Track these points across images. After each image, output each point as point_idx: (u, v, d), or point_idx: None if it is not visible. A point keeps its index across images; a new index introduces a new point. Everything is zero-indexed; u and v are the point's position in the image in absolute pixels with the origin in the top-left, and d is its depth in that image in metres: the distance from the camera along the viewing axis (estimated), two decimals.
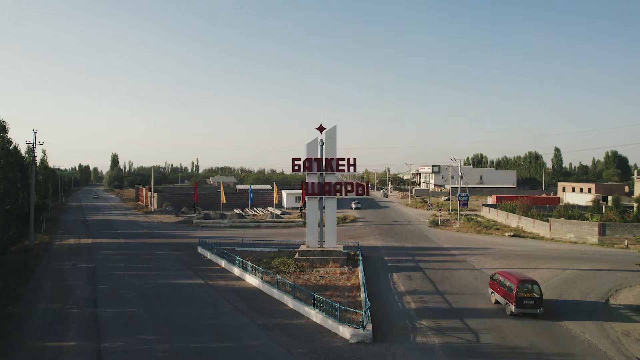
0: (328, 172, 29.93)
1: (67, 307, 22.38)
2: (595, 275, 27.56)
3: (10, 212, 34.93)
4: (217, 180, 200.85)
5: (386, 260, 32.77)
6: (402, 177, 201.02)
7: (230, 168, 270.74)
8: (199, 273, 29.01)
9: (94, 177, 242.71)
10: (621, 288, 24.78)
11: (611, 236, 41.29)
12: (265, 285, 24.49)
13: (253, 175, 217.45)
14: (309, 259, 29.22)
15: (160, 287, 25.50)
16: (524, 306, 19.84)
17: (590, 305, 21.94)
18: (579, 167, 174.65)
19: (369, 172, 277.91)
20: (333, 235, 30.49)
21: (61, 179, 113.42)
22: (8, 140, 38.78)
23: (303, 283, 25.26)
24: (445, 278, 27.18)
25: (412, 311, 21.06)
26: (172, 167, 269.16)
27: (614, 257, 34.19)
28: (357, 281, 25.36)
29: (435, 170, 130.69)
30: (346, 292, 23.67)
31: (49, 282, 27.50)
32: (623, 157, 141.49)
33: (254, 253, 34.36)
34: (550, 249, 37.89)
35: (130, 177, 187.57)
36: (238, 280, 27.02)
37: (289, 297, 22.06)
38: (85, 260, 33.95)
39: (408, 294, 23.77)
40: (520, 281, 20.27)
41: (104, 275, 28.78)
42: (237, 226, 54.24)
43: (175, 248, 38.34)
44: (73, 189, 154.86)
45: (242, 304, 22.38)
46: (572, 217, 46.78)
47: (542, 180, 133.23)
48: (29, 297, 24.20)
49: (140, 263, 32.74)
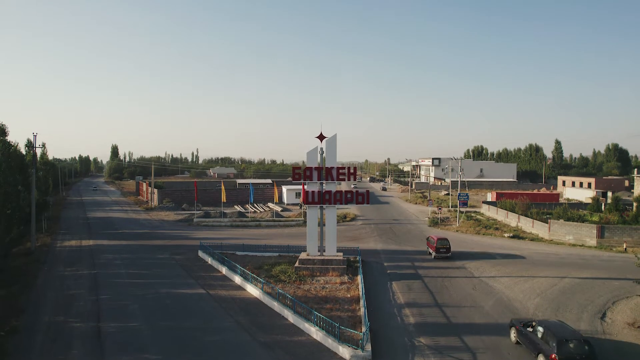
0: (328, 180, 29.99)
1: (70, 320, 22.63)
2: (593, 285, 27.78)
3: (12, 216, 35.09)
4: (217, 172, 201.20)
5: (386, 266, 33.01)
6: (402, 168, 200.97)
7: (231, 158, 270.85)
8: (200, 281, 29.25)
9: (94, 168, 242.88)
10: (618, 300, 25.02)
11: (610, 238, 41.53)
12: (266, 297, 24.74)
13: (253, 166, 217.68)
14: (309, 267, 29.45)
15: (162, 298, 25.73)
16: (440, 252, 34.35)
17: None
18: (579, 158, 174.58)
19: (369, 162, 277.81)
20: (333, 244, 30.68)
21: (61, 171, 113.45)
22: (8, 144, 38.83)
23: (303, 294, 25.51)
24: (444, 288, 27.43)
25: (411, 326, 21.32)
26: (172, 158, 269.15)
27: (612, 262, 34.43)
28: (357, 292, 25.60)
29: (436, 164, 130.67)
30: (346, 304, 23.91)
31: (52, 290, 27.76)
32: (623, 150, 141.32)
33: (254, 258, 34.60)
34: (549, 253, 38.12)
35: (130, 168, 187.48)
36: (239, 290, 27.26)
37: (289, 312, 22.31)
38: (87, 265, 34.20)
39: (407, 307, 24.02)
40: (439, 239, 35.31)
41: (105, 283, 29.03)
42: (238, 225, 54.46)
43: (176, 251, 38.57)
44: (73, 181, 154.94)
45: (244, 317, 22.62)
46: (571, 218, 46.98)
47: (542, 173, 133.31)
48: (32, 308, 24.48)
49: (141, 269, 32.97)
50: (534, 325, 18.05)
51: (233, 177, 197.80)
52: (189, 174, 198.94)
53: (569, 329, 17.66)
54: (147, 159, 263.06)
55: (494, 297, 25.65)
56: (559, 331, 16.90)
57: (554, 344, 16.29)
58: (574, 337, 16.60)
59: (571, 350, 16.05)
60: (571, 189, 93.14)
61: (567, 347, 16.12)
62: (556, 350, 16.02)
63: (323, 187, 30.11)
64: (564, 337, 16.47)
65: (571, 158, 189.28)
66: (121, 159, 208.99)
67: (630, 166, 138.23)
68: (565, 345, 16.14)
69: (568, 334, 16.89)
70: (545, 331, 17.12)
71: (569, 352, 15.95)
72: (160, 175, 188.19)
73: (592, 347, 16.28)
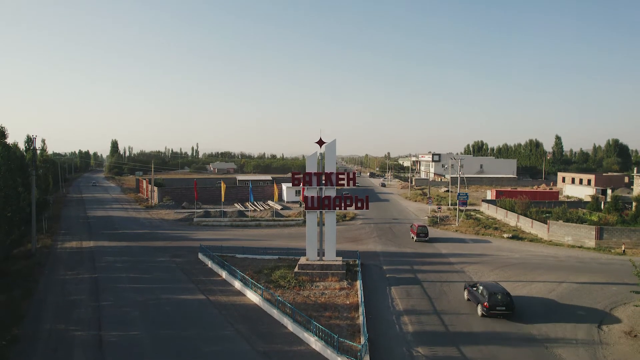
0: (327, 186, 30.04)
1: (72, 328, 22.79)
2: (590, 290, 27.96)
3: (12, 218, 35.20)
4: (218, 167, 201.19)
5: (385, 270, 33.17)
6: (402, 163, 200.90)
7: (231, 153, 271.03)
8: (200, 286, 29.43)
9: (94, 162, 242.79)
10: (615, 307, 25.19)
11: (608, 240, 41.70)
12: (266, 304, 24.90)
13: (253, 161, 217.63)
14: (309, 272, 29.60)
15: (162, 305, 25.90)
16: (420, 237, 41.54)
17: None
18: (579, 153, 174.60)
19: (370, 157, 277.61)
20: (332, 248, 30.81)
21: (61, 167, 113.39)
22: (8, 147, 38.84)
23: (303, 301, 25.68)
24: (443, 293, 27.59)
25: (409, 335, 21.48)
26: (172, 152, 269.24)
27: (610, 266, 34.59)
28: (356, 299, 25.76)
29: (436, 159, 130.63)
30: (345, 312, 24.07)
31: (53, 296, 27.93)
32: (624, 145, 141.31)
33: (254, 261, 34.77)
34: (548, 255, 38.28)
35: (130, 164, 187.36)
36: (239, 296, 27.43)
37: (288, 320, 22.48)
38: (88, 268, 34.36)
39: (406, 314, 24.18)
40: (419, 225, 42.75)
41: (106, 288, 29.21)
42: (238, 225, 54.62)
43: (176, 253, 38.74)
44: (73, 177, 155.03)
45: (243, 325, 22.79)
46: (570, 219, 47.10)
47: (542, 169, 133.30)
48: (34, 315, 24.67)
49: (142, 273, 33.14)
50: (477, 285, 25.09)
51: (233, 172, 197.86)
52: (189, 169, 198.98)
53: (499, 287, 24.54)
54: (147, 153, 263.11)
55: None
56: (491, 288, 24.04)
57: (486, 296, 23.37)
58: (500, 292, 23.58)
59: (497, 300, 23.11)
60: (571, 185, 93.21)
61: (495, 297, 23.21)
62: (487, 300, 23.18)
63: (322, 192, 30.17)
64: (493, 291, 23.58)
65: (571, 153, 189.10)
66: (121, 154, 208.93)
67: (630, 162, 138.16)
68: (494, 297, 23.25)
69: (497, 289, 23.83)
70: (483, 289, 24.16)
71: (495, 301, 23.10)
72: (160, 170, 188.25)
73: (511, 298, 23.42)
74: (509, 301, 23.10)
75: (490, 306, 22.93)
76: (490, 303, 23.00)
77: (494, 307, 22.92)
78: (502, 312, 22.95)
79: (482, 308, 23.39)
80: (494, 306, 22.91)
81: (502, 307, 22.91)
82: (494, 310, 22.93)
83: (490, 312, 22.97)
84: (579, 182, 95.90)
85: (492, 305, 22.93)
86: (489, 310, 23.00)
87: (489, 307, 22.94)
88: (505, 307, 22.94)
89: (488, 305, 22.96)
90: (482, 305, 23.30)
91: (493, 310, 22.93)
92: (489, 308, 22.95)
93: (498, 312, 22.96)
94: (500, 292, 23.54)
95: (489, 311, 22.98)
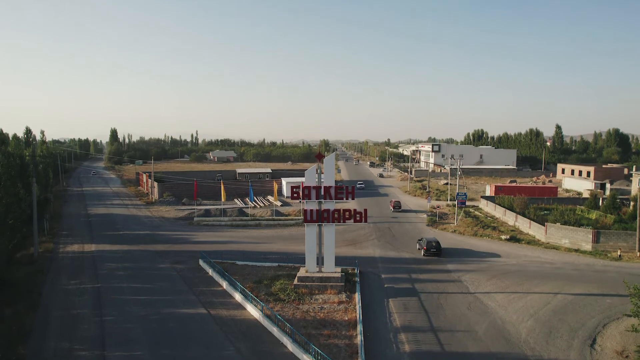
0: (327, 199, 30.27)
1: (76, 347, 23.32)
2: (585, 303, 28.44)
3: (13, 225, 35.47)
4: (217, 155, 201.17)
5: (383, 279, 33.63)
6: (402, 151, 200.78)
7: (230, 140, 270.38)
8: (202, 297, 29.93)
9: (94, 150, 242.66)
10: (609, 322, 25.69)
11: (605, 243, 42.13)
12: (266, 320, 25.40)
13: (253, 149, 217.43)
14: (308, 285, 30.05)
15: (165, 320, 26.37)
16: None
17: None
18: (580, 142, 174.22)
19: (369, 145, 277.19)
20: (331, 260, 31.20)
21: (60, 157, 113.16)
22: (8, 154, 38.94)
23: (302, 316, 26.18)
24: (440, 307, 28.08)
25: (406, 356, 22.01)
26: (172, 140, 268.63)
27: (605, 273, 35.06)
28: (354, 314, 26.26)
29: (436, 149, 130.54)
30: (344, 329, 24.57)
31: (57, 309, 28.43)
32: (624, 135, 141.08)
33: (254, 269, 35.27)
34: (544, 261, 38.75)
35: (130, 152, 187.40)
36: (239, 310, 27.91)
37: (288, 339, 22.97)
38: (90, 277, 34.83)
39: (403, 331, 24.68)
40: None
41: (109, 300, 29.71)
42: (238, 225, 55.06)
43: (177, 259, 39.22)
44: (73, 166, 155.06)
45: (244, 344, 23.31)
46: (568, 222, 47.46)
47: (542, 159, 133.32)
48: (38, 331, 25.19)
49: (143, 282, 33.62)
50: (423, 239, 41.07)
51: (233, 160, 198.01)
52: (189, 157, 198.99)
53: (435, 239, 40.72)
54: (146, 141, 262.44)
55: (488, 319, 26.30)
56: (429, 240, 40.20)
57: (424, 245, 39.75)
58: (434, 241, 39.87)
59: (433, 246, 39.32)
60: (570, 178, 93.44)
61: (431, 244, 39.48)
62: (425, 246, 39.55)
63: (321, 206, 30.42)
64: (429, 241, 39.91)
65: (572, 141, 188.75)
66: (121, 142, 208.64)
67: (630, 152, 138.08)
68: (429, 244, 39.56)
69: (432, 240, 40.17)
70: (424, 240, 40.47)
71: (431, 247, 39.27)
72: (160, 159, 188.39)
73: (439, 245, 39.76)
74: (439, 247, 39.38)
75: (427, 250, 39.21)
76: (426, 248, 39.32)
77: (429, 250, 39.11)
78: (434, 253, 39.09)
79: (423, 251, 39.50)
80: (429, 249, 39.15)
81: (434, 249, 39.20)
82: (429, 252, 39.01)
83: (427, 254, 39.03)
84: (579, 173, 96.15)
85: (428, 249, 39.20)
86: (426, 252, 39.18)
87: (426, 249, 39.20)
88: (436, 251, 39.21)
89: (426, 248, 39.28)
90: (423, 249, 39.59)
91: (428, 252, 39.02)
92: (426, 250, 39.15)
93: (431, 253, 39.01)
94: (434, 241, 39.91)
95: (426, 252, 39.16)
